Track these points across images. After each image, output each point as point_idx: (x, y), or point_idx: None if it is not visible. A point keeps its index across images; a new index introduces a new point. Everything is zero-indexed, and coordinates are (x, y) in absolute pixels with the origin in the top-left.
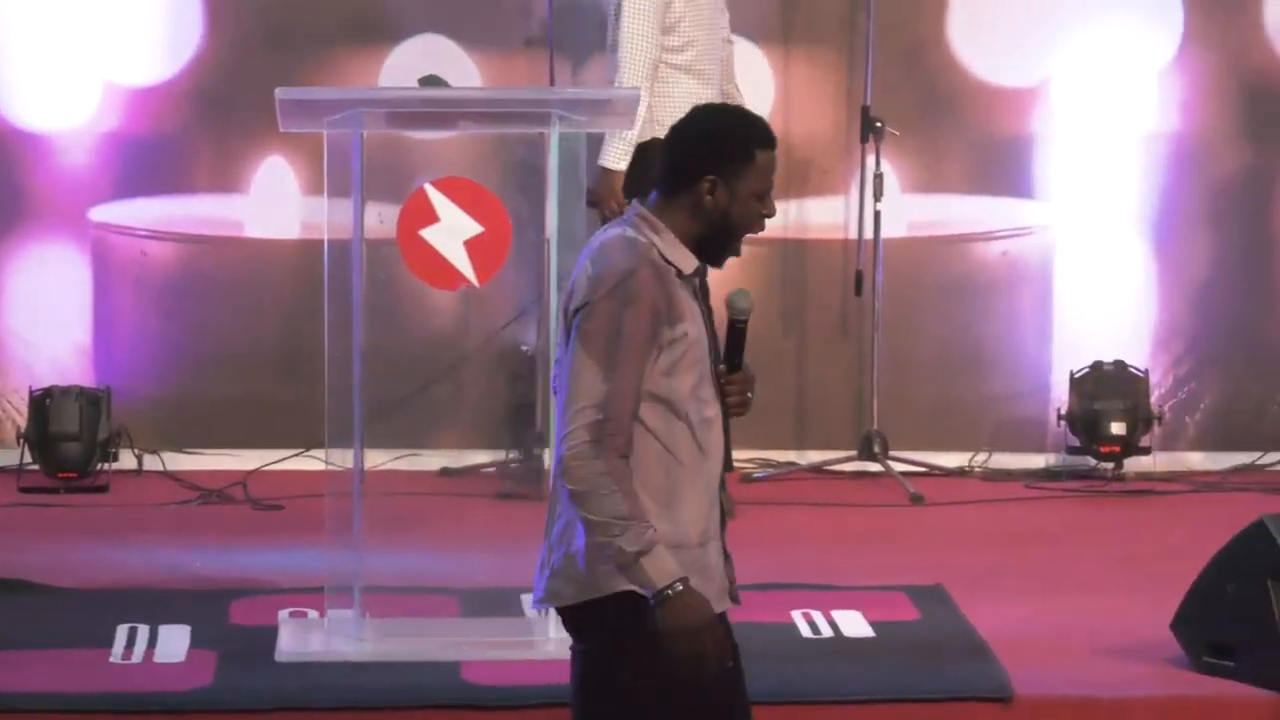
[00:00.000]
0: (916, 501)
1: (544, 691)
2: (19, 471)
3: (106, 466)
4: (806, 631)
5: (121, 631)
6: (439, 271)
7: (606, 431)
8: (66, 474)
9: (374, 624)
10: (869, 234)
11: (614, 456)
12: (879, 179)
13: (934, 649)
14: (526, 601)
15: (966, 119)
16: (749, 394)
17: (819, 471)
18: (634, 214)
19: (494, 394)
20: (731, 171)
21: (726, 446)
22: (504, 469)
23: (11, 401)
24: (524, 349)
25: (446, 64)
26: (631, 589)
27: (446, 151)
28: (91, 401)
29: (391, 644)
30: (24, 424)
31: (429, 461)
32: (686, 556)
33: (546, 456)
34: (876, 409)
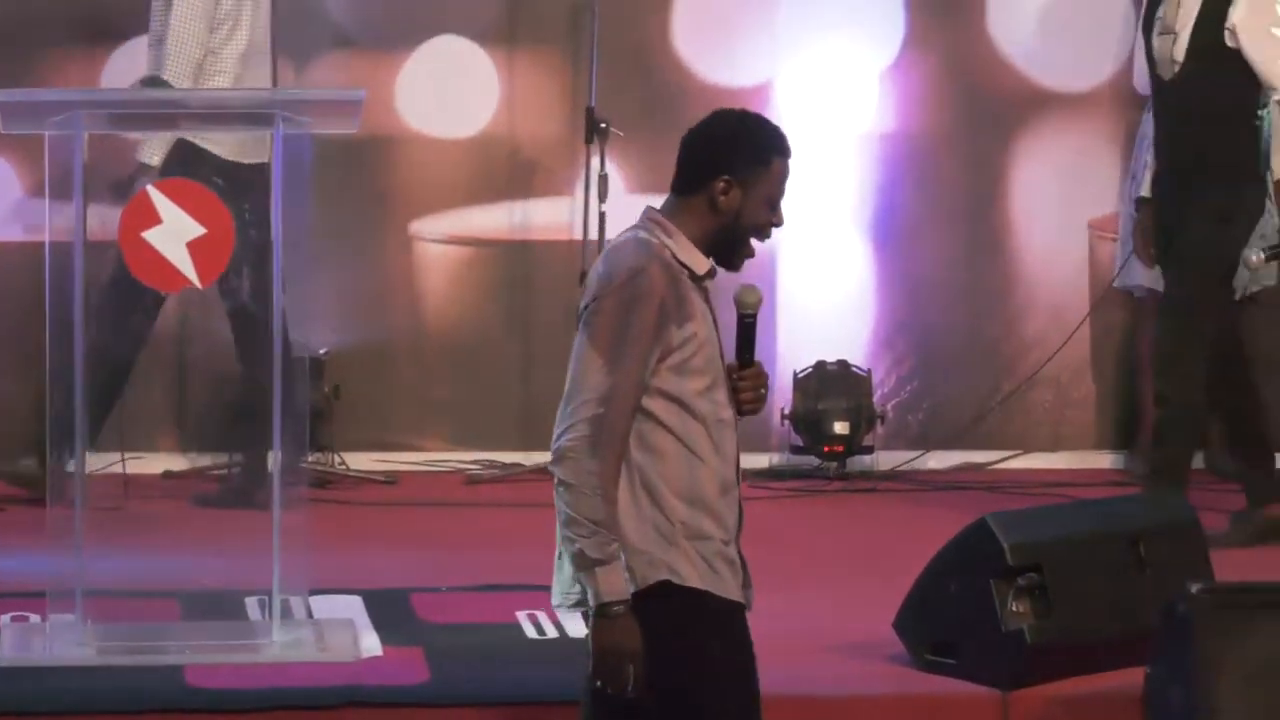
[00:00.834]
0: None
1: (268, 695)
2: None
3: None
4: (531, 632)
5: None
6: (161, 273)
7: (606, 426)
8: None
9: (96, 628)
10: (594, 235)
11: (610, 455)
12: (604, 180)
13: None
14: (250, 605)
15: (691, 120)
16: (762, 390)
17: (545, 473)
18: (647, 217)
19: (218, 397)
20: (746, 174)
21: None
22: (227, 472)
23: None
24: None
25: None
26: (665, 579)
27: None
28: None
29: (114, 648)
30: None
31: (152, 464)
32: (709, 548)
33: (270, 459)
34: None
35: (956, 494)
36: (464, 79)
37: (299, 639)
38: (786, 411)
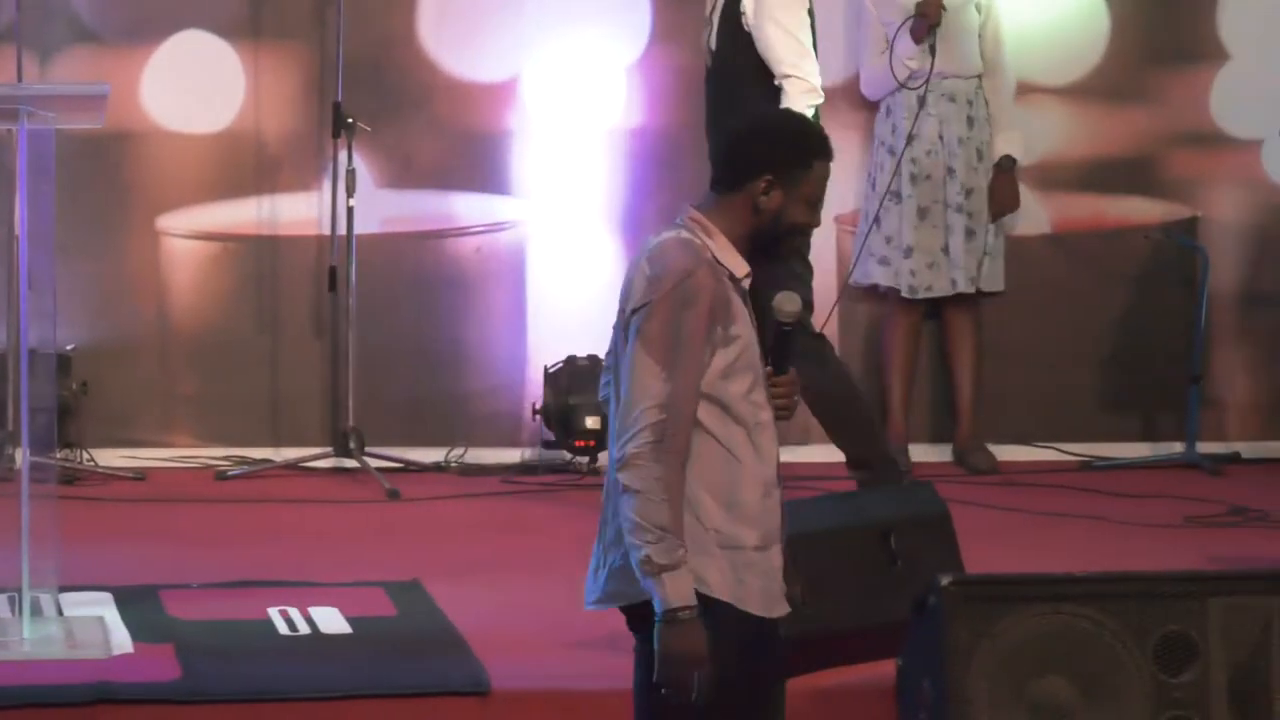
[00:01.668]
0: (393, 497)
1: (18, 692)
2: None
3: None
4: (284, 629)
5: None
6: None
7: (669, 432)
8: None
9: None
10: (342, 230)
11: (674, 460)
12: (351, 174)
13: (411, 644)
14: None
15: (439, 115)
16: (795, 397)
17: (295, 468)
18: (688, 217)
19: None
20: (788, 174)
21: None
22: None
23: None
24: None
25: None
26: (702, 591)
27: None
28: None
29: None
30: None
31: None
32: (742, 558)
33: (18, 456)
34: (352, 405)
35: None
36: (209, 74)
37: (49, 636)
38: (538, 406)
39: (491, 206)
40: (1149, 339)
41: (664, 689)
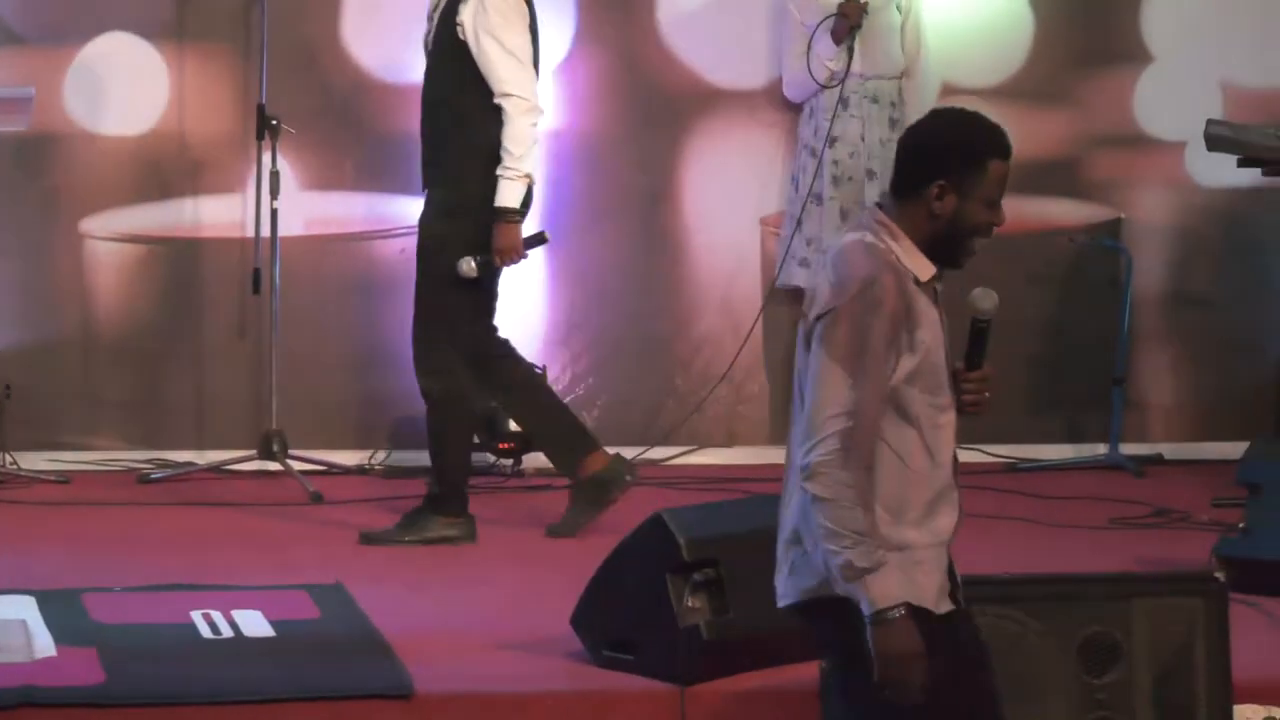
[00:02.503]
0: (316, 500)
1: None
2: None
3: None
4: (207, 632)
5: None
6: None
7: (855, 440)
8: None
9: None
10: (266, 232)
11: (860, 467)
12: (275, 176)
13: (334, 647)
14: None
15: (363, 117)
16: (986, 393)
17: (218, 471)
18: (873, 219)
19: None
20: (962, 178)
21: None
22: None
23: None
24: None
25: None
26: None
27: None
28: None
29: None
30: None
31: None
32: (912, 557)
33: None
34: (276, 408)
35: (632, 490)
36: (133, 76)
37: None
38: None
39: (416, 208)
40: (1073, 341)
41: (887, 690)
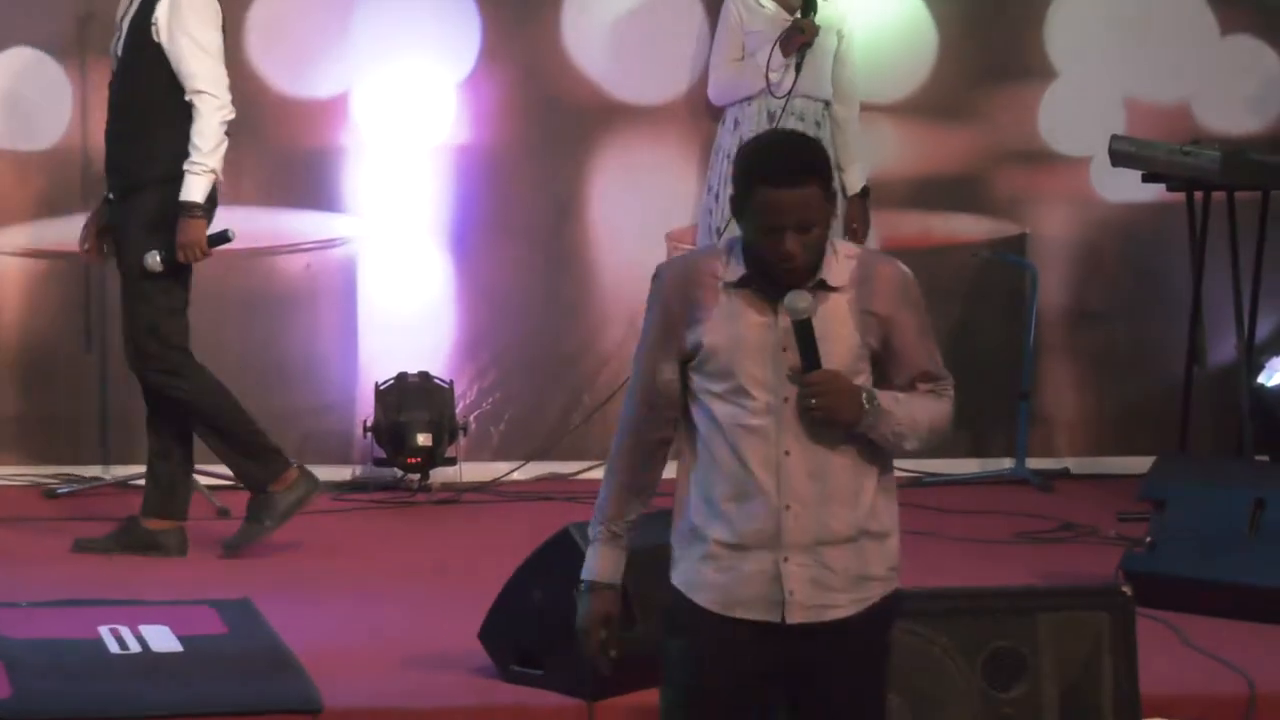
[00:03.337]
0: (223, 515)
1: None
2: None
3: None
4: (115, 648)
5: None
6: None
7: (626, 415)
8: None
9: None
10: None
11: (629, 439)
12: None
13: (242, 663)
14: None
15: (266, 132)
16: (827, 397)
17: (125, 486)
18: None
19: None
20: (741, 201)
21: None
22: None
23: None
24: None
25: None
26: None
27: None
28: None
29: None
30: None
31: None
32: (708, 549)
33: None
34: None
35: (540, 504)
36: (37, 91)
37: None
38: (369, 424)
39: (322, 223)
40: (978, 356)
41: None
